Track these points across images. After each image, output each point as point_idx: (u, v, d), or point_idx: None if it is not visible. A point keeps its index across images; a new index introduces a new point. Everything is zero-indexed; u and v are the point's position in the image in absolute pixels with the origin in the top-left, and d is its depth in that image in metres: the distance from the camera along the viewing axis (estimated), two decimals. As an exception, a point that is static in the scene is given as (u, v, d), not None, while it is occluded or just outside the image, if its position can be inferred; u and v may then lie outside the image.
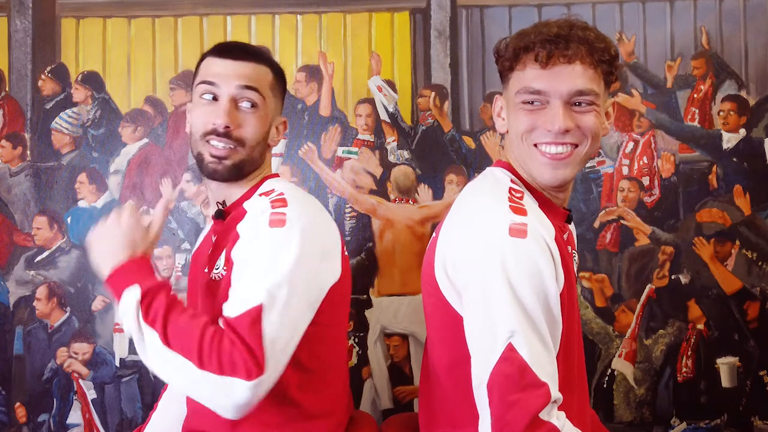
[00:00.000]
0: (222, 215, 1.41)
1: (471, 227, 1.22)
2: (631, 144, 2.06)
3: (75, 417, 2.06)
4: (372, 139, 2.08)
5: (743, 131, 2.04)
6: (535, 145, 1.25)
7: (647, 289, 2.03)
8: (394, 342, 2.05)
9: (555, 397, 1.11)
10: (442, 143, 2.07)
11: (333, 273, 1.35)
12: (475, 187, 1.34)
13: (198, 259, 1.49)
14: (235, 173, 1.38)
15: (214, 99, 1.36)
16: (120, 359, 2.06)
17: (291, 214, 1.28)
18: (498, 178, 1.31)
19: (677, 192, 2.05)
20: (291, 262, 1.23)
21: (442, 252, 1.26)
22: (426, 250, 1.36)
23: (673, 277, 2.03)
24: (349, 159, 2.07)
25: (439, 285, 1.25)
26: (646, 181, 2.05)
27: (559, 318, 1.16)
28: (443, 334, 1.28)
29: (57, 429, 2.06)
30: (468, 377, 1.17)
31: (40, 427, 2.06)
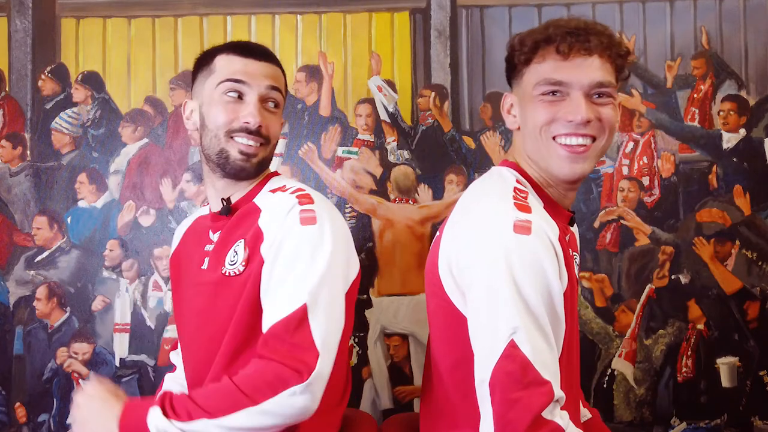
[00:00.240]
0: (228, 211, 1.41)
1: (475, 224, 1.21)
2: (631, 144, 2.06)
3: (75, 417, 2.06)
4: (372, 139, 2.08)
5: (743, 131, 2.04)
6: (554, 138, 1.24)
7: (647, 289, 2.03)
8: (394, 342, 2.05)
9: (558, 396, 1.09)
10: (442, 143, 2.06)
11: (355, 267, 1.38)
12: (480, 186, 1.34)
13: (192, 257, 1.47)
14: (258, 170, 1.41)
15: (239, 97, 1.37)
16: (120, 359, 2.06)
17: (319, 210, 1.31)
18: (503, 176, 1.30)
19: (677, 192, 2.05)
20: (327, 258, 1.27)
21: (446, 251, 1.26)
22: (429, 249, 1.36)
23: (673, 277, 2.03)
24: (349, 159, 2.07)
25: (443, 284, 1.25)
26: (646, 181, 2.05)
27: (563, 316, 1.15)
28: (446, 333, 1.28)
29: (57, 429, 2.06)
30: (470, 377, 1.16)
31: (40, 427, 2.06)
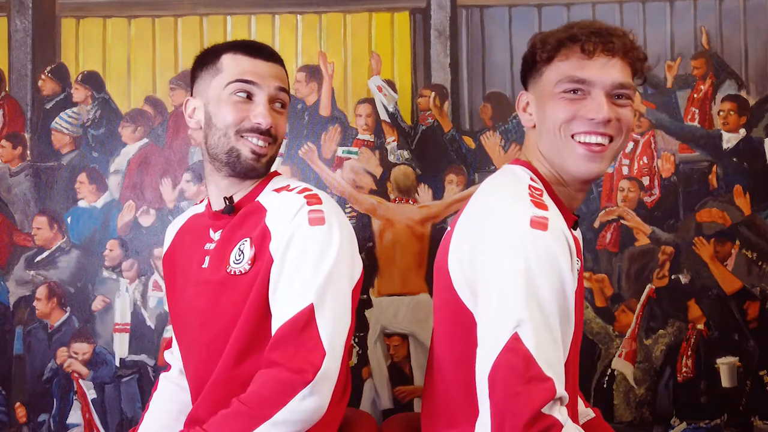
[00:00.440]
0: (232, 210, 1.42)
1: (491, 219, 1.20)
2: (631, 144, 2.06)
3: (75, 417, 2.06)
4: (372, 139, 2.08)
5: (743, 131, 2.04)
6: (572, 136, 1.25)
7: (647, 289, 2.03)
8: (394, 342, 2.05)
9: (560, 395, 1.07)
10: (442, 143, 2.06)
11: (359, 267, 1.39)
12: (494, 183, 1.33)
13: (190, 256, 1.47)
14: (266, 169, 1.43)
15: (248, 97, 1.38)
16: (120, 359, 2.06)
17: (328, 211, 1.33)
18: (517, 174, 1.30)
19: (677, 192, 2.05)
20: (334, 258, 1.29)
21: (458, 246, 1.25)
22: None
23: (673, 277, 2.03)
24: (349, 159, 2.07)
25: (452, 280, 1.24)
26: (646, 181, 2.05)
27: (573, 316, 1.14)
28: (451, 330, 1.27)
29: (57, 429, 2.06)
30: (472, 375, 1.14)
31: (40, 427, 2.06)
